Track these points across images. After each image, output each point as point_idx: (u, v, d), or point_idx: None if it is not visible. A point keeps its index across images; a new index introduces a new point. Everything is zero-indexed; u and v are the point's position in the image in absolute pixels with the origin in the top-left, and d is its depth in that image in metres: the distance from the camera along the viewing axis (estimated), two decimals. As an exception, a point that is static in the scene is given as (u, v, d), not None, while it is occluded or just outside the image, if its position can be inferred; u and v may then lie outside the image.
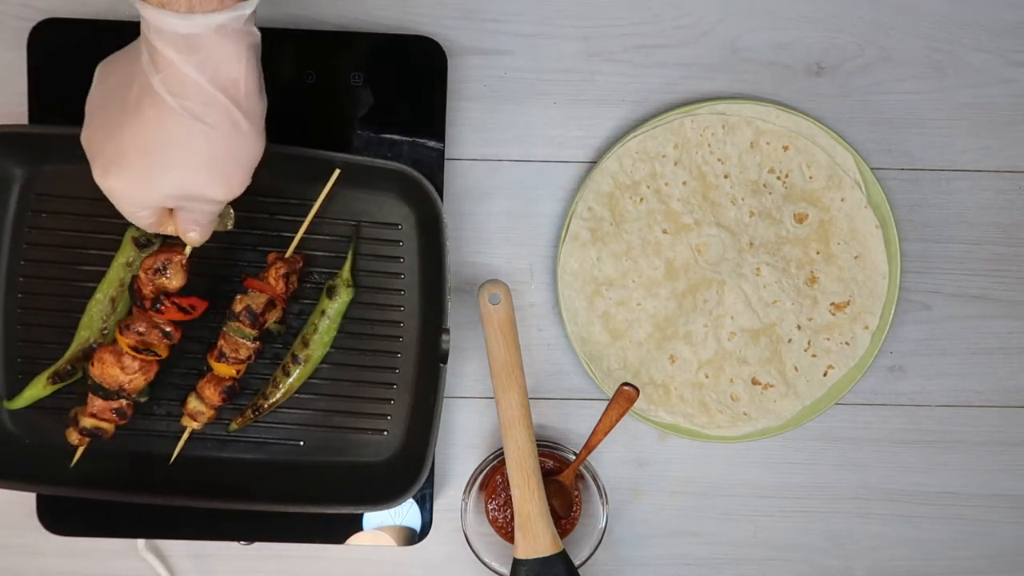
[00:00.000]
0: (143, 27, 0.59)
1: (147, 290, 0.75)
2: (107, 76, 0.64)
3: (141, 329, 0.75)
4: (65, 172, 0.80)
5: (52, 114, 0.81)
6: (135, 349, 0.75)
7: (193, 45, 0.58)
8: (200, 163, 0.61)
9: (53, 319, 0.81)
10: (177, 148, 0.60)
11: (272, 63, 0.82)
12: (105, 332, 0.80)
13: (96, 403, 0.76)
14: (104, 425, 0.77)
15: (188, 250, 0.74)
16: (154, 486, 0.81)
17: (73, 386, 0.80)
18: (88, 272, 0.80)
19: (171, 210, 0.67)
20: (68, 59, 0.81)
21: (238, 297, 0.78)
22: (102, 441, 0.79)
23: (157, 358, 0.76)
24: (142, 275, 0.75)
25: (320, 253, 0.82)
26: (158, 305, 0.75)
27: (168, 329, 0.75)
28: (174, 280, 0.74)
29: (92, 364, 0.76)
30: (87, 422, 0.77)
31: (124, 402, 0.77)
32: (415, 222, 0.82)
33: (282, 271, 0.78)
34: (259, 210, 0.81)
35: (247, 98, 0.61)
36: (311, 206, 0.79)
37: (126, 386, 0.76)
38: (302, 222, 0.79)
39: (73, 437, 0.78)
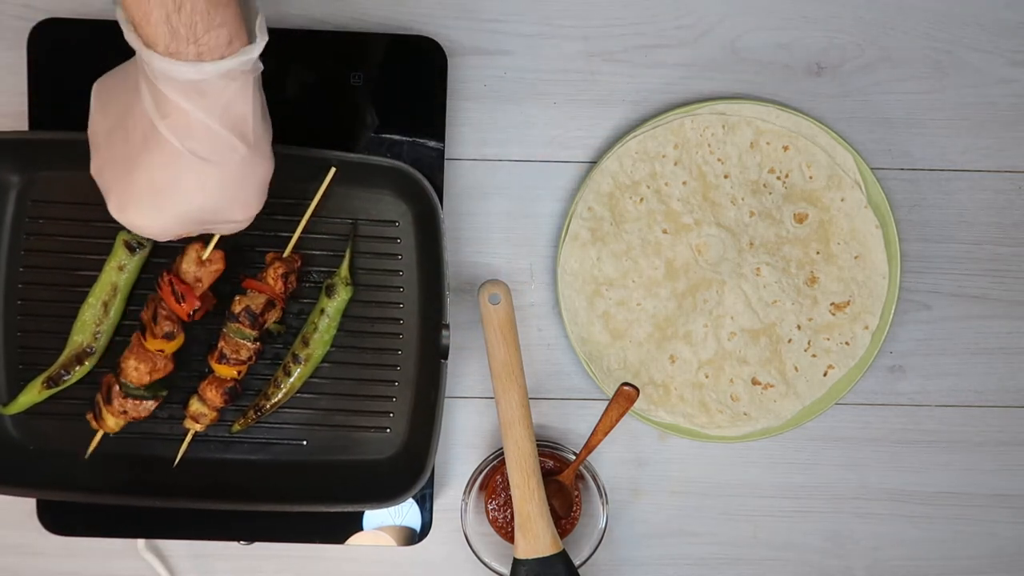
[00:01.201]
0: (144, 69, 0.57)
1: (182, 284, 0.76)
2: (106, 102, 0.63)
3: (168, 328, 0.77)
4: (61, 178, 0.80)
5: (52, 114, 0.81)
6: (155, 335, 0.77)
7: (201, 90, 0.57)
8: (214, 194, 0.61)
9: (52, 325, 0.81)
10: (189, 186, 0.60)
11: (272, 63, 0.82)
12: (98, 336, 0.80)
13: (126, 403, 0.78)
14: (134, 415, 0.78)
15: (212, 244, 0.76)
16: (159, 489, 0.81)
17: (71, 390, 0.80)
18: (87, 277, 0.80)
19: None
20: (68, 59, 0.81)
21: (237, 298, 0.78)
22: (105, 445, 0.80)
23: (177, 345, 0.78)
24: (184, 267, 0.76)
25: (318, 252, 0.82)
26: (180, 295, 0.76)
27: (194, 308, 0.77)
28: (215, 265, 0.77)
29: (123, 365, 0.77)
30: (112, 422, 0.78)
31: (150, 402, 0.78)
32: (412, 218, 0.82)
33: (280, 271, 0.78)
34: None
35: (254, 130, 0.61)
36: (308, 205, 0.80)
37: (148, 379, 0.77)
38: (299, 221, 0.80)
39: (93, 424, 0.79)
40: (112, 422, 0.79)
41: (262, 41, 0.58)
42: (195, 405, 0.79)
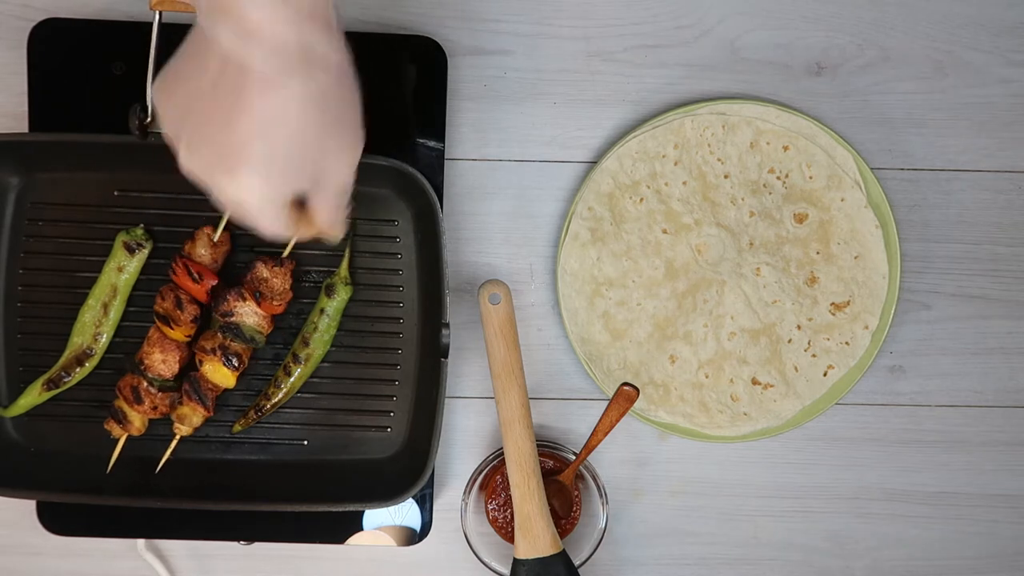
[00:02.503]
0: (208, 23, 0.54)
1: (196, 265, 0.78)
2: (171, 96, 0.59)
3: (194, 312, 0.78)
4: (61, 179, 0.80)
5: (52, 115, 0.81)
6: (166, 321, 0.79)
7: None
8: (316, 129, 0.57)
9: (52, 326, 0.81)
10: (291, 121, 0.56)
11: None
12: (98, 338, 0.80)
13: (157, 397, 0.79)
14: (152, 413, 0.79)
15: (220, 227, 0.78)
16: (159, 490, 0.81)
17: (71, 391, 0.81)
18: (86, 279, 0.80)
19: (299, 211, 0.63)
20: (68, 59, 0.81)
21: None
22: (107, 447, 0.80)
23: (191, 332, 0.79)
24: (199, 250, 0.78)
25: (317, 252, 0.82)
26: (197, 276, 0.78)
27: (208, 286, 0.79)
28: (224, 246, 0.79)
29: (147, 361, 0.78)
30: (139, 422, 0.79)
31: (164, 394, 0.79)
32: (411, 217, 0.82)
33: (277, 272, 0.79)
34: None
35: (335, 33, 0.57)
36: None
37: (167, 373, 0.79)
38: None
39: (116, 430, 0.80)
40: (140, 422, 0.79)
41: None
42: (180, 409, 0.80)
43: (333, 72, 0.57)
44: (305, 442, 0.83)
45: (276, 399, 0.81)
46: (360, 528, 0.84)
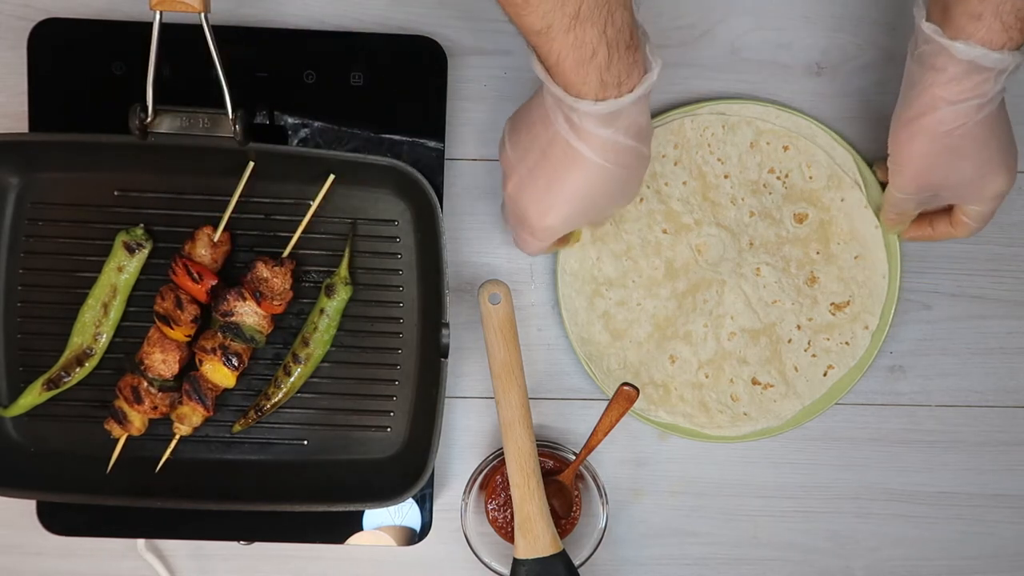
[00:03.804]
0: (561, 106, 0.66)
1: (197, 265, 0.78)
2: (518, 132, 0.72)
3: (195, 312, 0.79)
4: (60, 179, 0.80)
5: (52, 115, 0.81)
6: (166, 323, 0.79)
7: (615, 115, 0.65)
8: (619, 193, 0.72)
9: (52, 327, 0.81)
10: (601, 191, 0.70)
11: (272, 63, 0.82)
12: (98, 338, 0.80)
13: (157, 397, 0.79)
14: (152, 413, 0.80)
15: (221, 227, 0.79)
16: (159, 490, 0.81)
17: (71, 392, 0.80)
18: (86, 279, 0.80)
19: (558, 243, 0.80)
20: (68, 59, 0.81)
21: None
22: (106, 447, 0.80)
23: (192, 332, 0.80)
24: (199, 250, 0.78)
25: (317, 252, 0.82)
26: (198, 275, 0.78)
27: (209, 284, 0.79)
28: (224, 246, 0.80)
29: (147, 361, 0.78)
30: (139, 422, 0.79)
31: (163, 394, 0.79)
32: (411, 217, 0.82)
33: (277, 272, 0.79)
34: (254, 211, 0.81)
35: (649, 129, 0.70)
36: (306, 206, 0.80)
37: (167, 373, 0.79)
38: (298, 222, 0.80)
39: (116, 430, 0.80)
40: (140, 422, 0.79)
41: (658, 64, 0.66)
42: (180, 409, 0.80)
43: (637, 163, 0.70)
44: (305, 442, 0.83)
45: (276, 399, 0.81)
46: (360, 528, 0.84)
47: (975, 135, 0.71)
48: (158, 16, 0.69)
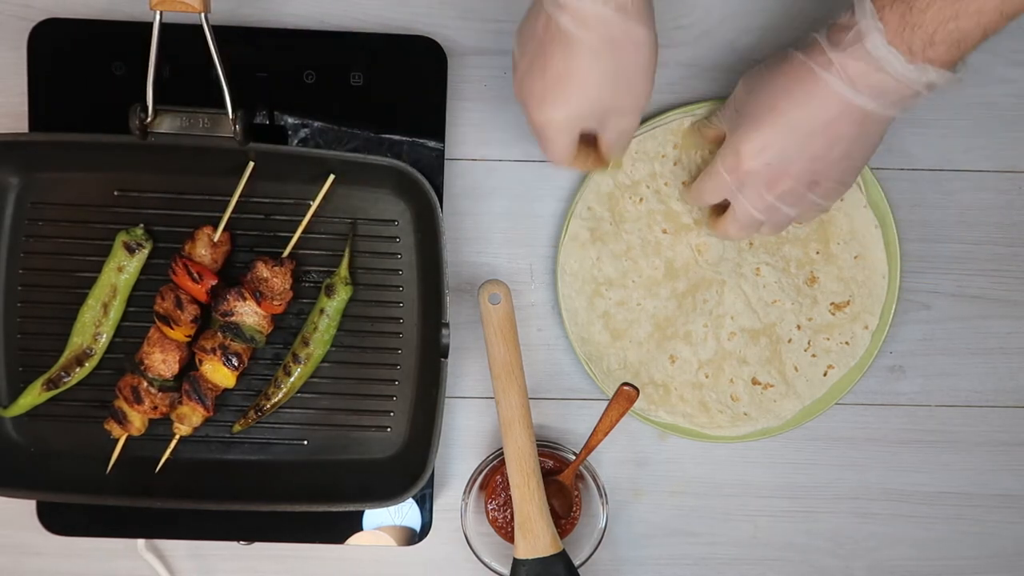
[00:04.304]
0: None
1: (197, 266, 0.78)
2: (521, 33, 0.71)
3: (195, 312, 0.79)
4: (60, 179, 0.80)
5: (53, 114, 0.81)
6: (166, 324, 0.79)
7: None
8: (609, 81, 0.69)
9: (52, 327, 0.81)
10: (589, 73, 0.68)
11: (272, 63, 0.82)
12: (98, 338, 0.80)
13: (157, 397, 0.79)
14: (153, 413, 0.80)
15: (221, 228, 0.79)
16: (159, 490, 0.81)
17: (71, 392, 0.81)
18: (86, 278, 0.80)
19: (585, 148, 0.75)
20: (68, 59, 0.81)
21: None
22: (106, 448, 0.80)
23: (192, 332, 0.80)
24: (199, 250, 0.78)
25: (317, 252, 0.82)
26: (198, 275, 0.78)
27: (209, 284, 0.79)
28: (225, 246, 0.80)
29: (147, 361, 0.78)
30: (139, 422, 0.79)
31: (163, 394, 0.79)
32: (411, 217, 0.82)
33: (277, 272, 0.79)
34: (254, 211, 0.81)
35: (643, 10, 0.68)
36: (306, 206, 0.80)
37: (167, 373, 0.79)
38: (298, 222, 0.80)
39: (116, 430, 0.80)
40: (140, 422, 0.79)
41: None
42: (180, 409, 0.80)
43: (628, 45, 0.68)
44: (305, 442, 0.83)
45: (276, 399, 0.81)
46: (360, 528, 0.84)
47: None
48: (158, 16, 0.69)
